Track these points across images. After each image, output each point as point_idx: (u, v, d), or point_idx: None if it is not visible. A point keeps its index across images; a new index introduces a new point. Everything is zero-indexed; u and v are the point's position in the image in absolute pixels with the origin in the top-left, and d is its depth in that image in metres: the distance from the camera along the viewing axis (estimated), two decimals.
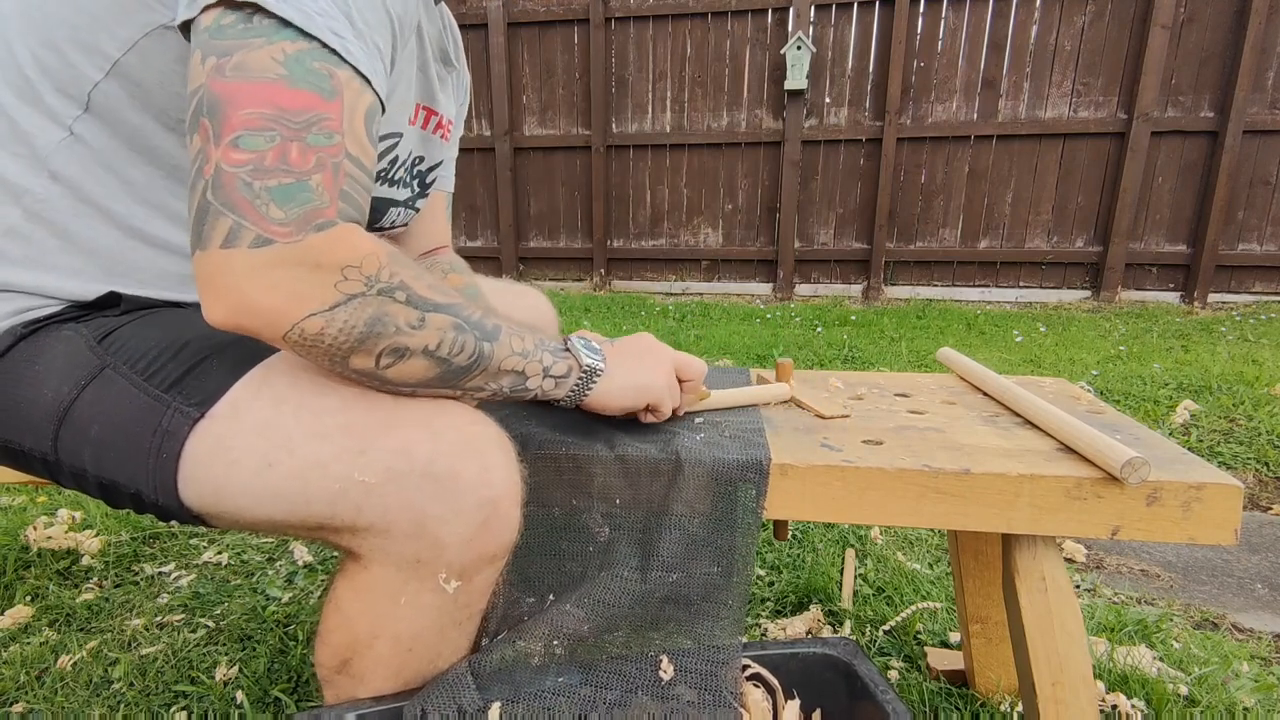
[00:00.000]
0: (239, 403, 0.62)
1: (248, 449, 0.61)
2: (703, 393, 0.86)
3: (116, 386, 0.63)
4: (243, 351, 0.65)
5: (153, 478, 0.62)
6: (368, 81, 0.59)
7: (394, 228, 0.90)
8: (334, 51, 0.56)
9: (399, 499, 0.60)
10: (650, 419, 0.79)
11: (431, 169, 0.90)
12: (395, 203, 0.85)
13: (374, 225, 0.84)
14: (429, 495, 0.60)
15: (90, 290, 0.69)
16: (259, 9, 0.54)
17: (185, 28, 0.58)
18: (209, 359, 0.64)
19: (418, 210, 0.93)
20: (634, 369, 0.75)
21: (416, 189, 0.88)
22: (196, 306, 0.69)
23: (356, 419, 0.61)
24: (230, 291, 0.55)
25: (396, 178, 0.82)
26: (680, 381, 0.80)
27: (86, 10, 0.64)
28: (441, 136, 0.88)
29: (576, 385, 0.71)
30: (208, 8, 0.55)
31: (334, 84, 0.57)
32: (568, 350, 0.71)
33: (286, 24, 0.54)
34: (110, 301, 0.70)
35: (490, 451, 0.63)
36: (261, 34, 0.54)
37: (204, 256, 0.55)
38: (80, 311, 0.68)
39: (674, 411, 0.81)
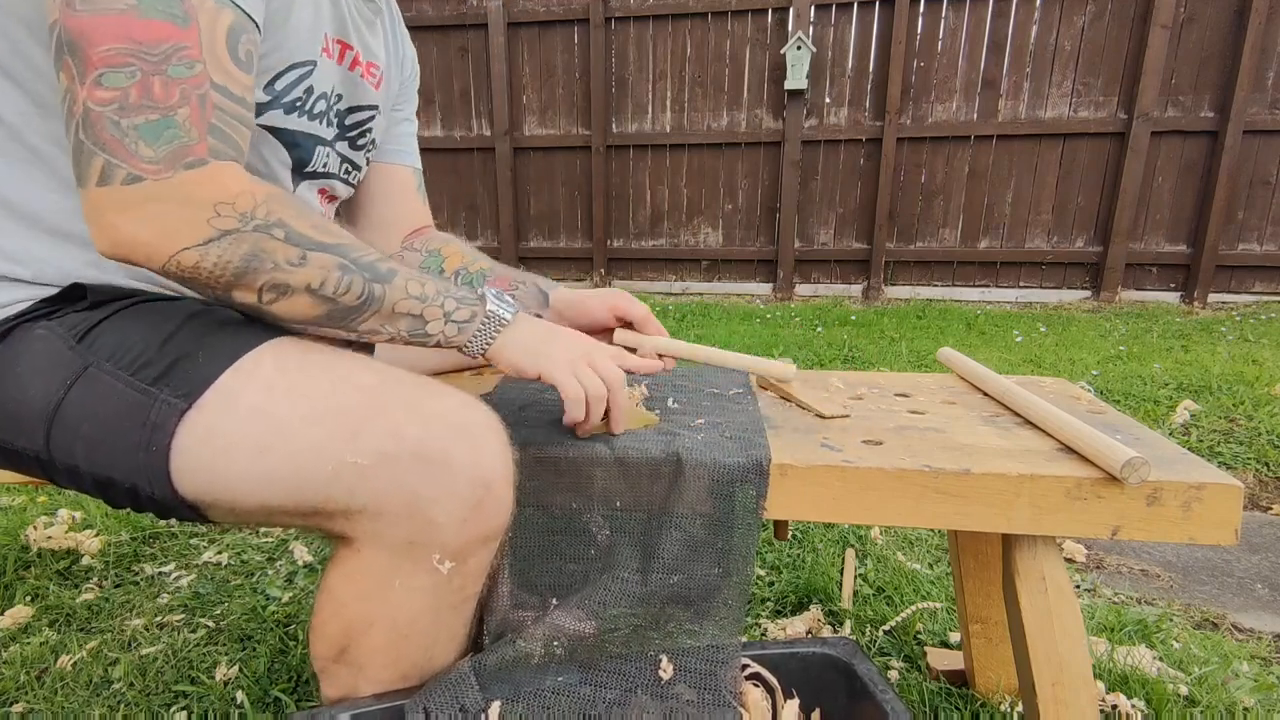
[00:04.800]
0: (229, 391, 0.62)
1: (241, 436, 0.61)
2: (682, 349, 0.84)
3: (103, 384, 0.63)
4: (229, 341, 0.65)
5: (146, 471, 0.62)
6: None
7: (329, 175, 0.85)
8: None
9: (391, 481, 0.60)
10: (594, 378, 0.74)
11: (355, 112, 0.86)
12: (321, 140, 0.81)
13: (305, 166, 0.81)
14: (421, 477, 0.60)
15: (45, 269, 0.68)
16: None
17: None
18: (195, 350, 0.64)
19: (356, 165, 0.90)
20: (542, 337, 0.74)
21: (339, 131, 0.84)
22: (165, 298, 0.71)
23: (348, 402, 0.62)
24: (109, 228, 0.57)
25: (317, 111, 0.79)
26: (628, 327, 0.81)
27: None
28: (362, 76, 0.85)
29: (479, 331, 0.71)
30: None
31: (185, 8, 0.57)
32: (478, 297, 0.71)
33: None
34: (76, 294, 0.69)
35: (482, 434, 0.63)
36: None
37: (85, 194, 0.57)
38: (48, 308, 0.68)
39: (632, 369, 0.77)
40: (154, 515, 0.68)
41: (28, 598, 1.35)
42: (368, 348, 0.98)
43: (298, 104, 0.76)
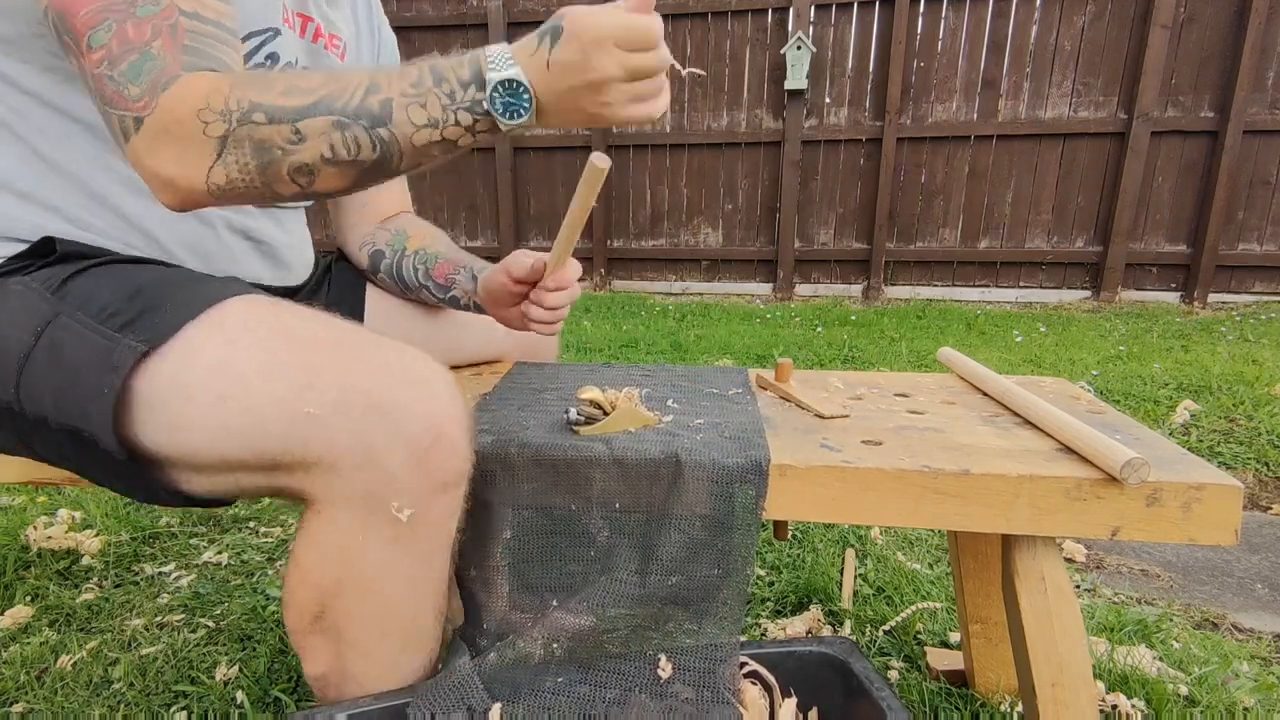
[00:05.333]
0: (191, 341, 0.63)
1: (202, 385, 0.62)
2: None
3: (71, 331, 0.64)
4: (196, 295, 0.66)
5: (103, 417, 0.63)
6: None
7: None
8: None
9: (345, 430, 0.60)
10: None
11: None
12: None
13: None
14: (374, 424, 0.60)
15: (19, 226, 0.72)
16: None
17: None
18: (162, 302, 0.65)
19: None
20: (558, 80, 0.62)
21: None
22: (135, 260, 0.74)
23: (306, 357, 0.63)
24: (153, 180, 0.61)
25: None
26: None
27: None
28: (325, 48, 0.87)
29: (506, 125, 0.63)
30: None
31: None
32: (472, 101, 0.62)
33: None
34: (45, 250, 0.72)
35: (431, 381, 0.64)
36: None
37: (126, 158, 0.61)
38: (20, 264, 0.71)
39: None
40: (127, 495, 0.69)
41: (28, 598, 1.35)
42: (360, 314, 1.02)
43: (261, 67, 0.79)
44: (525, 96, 0.62)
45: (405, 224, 1.05)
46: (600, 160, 0.72)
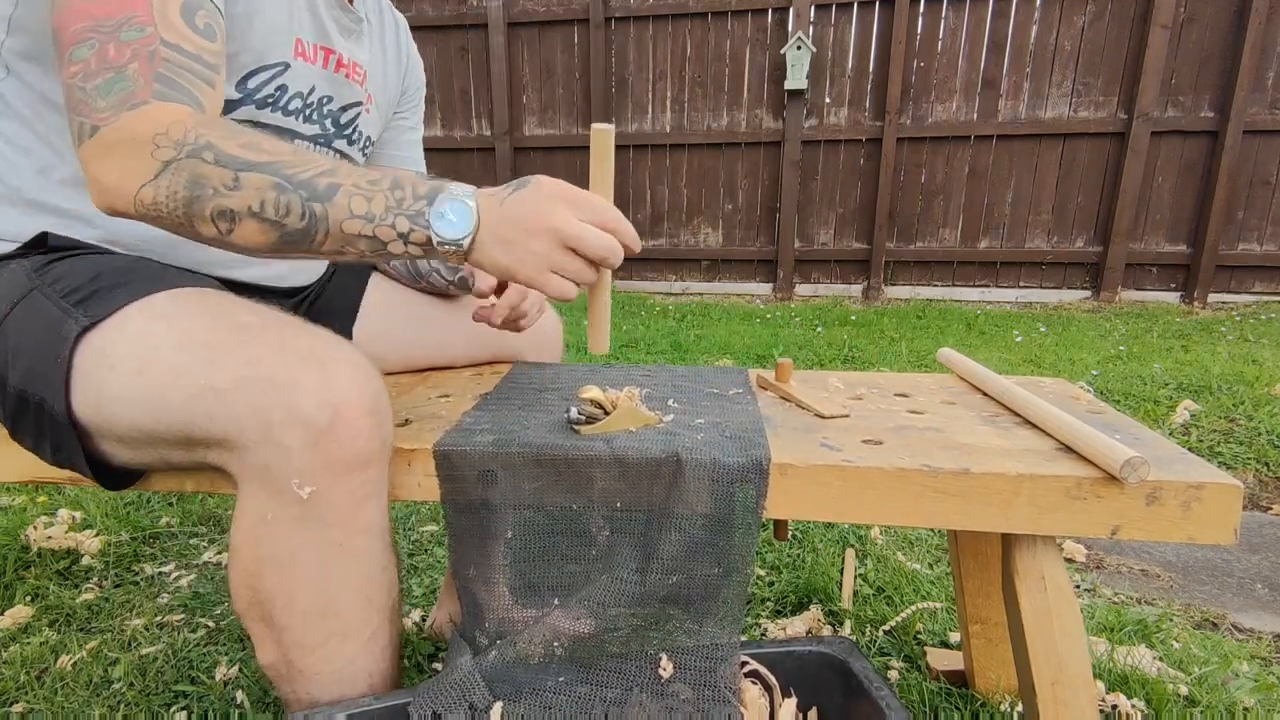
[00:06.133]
0: (125, 318, 0.68)
1: (124, 356, 0.67)
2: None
3: (39, 304, 0.72)
4: (149, 282, 0.71)
5: (52, 384, 0.68)
6: None
7: None
8: None
9: (245, 405, 0.63)
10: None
11: (346, 110, 0.94)
12: (298, 134, 0.88)
13: None
14: (272, 401, 0.62)
15: (22, 230, 0.79)
16: None
17: None
18: (117, 285, 0.71)
19: (348, 158, 0.97)
20: (511, 233, 0.65)
21: (331, 128, 0.92)
22: (113, 254, 0.79)
23: (218, 336, 0.66)
24: (92, 181, 0.65)
25: (292, 108, 0.86)
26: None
27: None
28: (347, 76, 0.92)
29: (443, 251, 0.66)
30: None
31: None
32: (427, 221, 0.65)
33: None
34: (42, 242, 0.79)
35: (334, 363, 0.65)
36: None
37: (78, 158, 0.65)
38: (23, 251, 0.78)
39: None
40: (71, 468, 0.73)
41: (28, 598, 1.35)
42: (349, 328, 1.04)
43: (270, 100, 0.83)
44: (468, 221, 0.64)
45: None
46: (601, 126, 0.70)
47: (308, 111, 0.88)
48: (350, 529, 0.67)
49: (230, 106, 0.80)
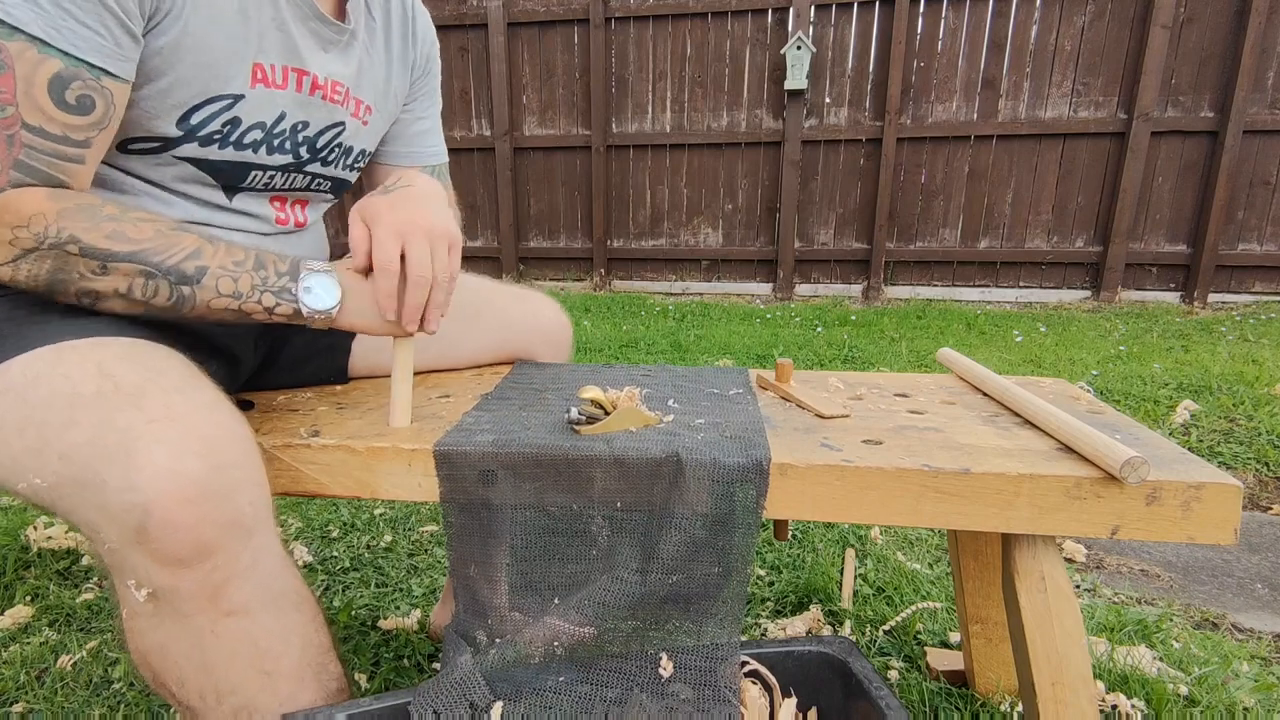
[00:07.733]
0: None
1: None
2: None
3: None
4: (40, 333, 0.67)
5: None
6: (49, 46, 0.63)
7: (289, 189, 0.90)
8: (1, 23, 0.61)
9: (67, 505, 0.60)
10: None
11: (325, 133, 0.89)
12: (256, 166, 0.84)
13: (240, 185, 0.84)
14: (85, 503, 0.59)
15: None
16: None
17: None
18: (9, 335, 0.67)
19: (335, 179, 0.95)
20: (369, 302, 0.76)
21: (305, 155, 0.87)
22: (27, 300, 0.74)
23: (49, 416, 0.61)
24: None
25: (248, 141, 0.81)
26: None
27: None
28: (324, 98, 0.86)
29: (309, 319, 0.74)
30: None
31: (2, 58, 0.61)
32: (294, 296, 0.73)
33: None
34: None
35: (143, 451, 0.58)
36: None
37: None
38: None
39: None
40: None
41: (28, 598, 1.35)
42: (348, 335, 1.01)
43: (216, 136, 0.78)
44: (333, 292, 0.74)
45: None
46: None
47: (274, 141, 0.83)
48: (215, 614, 0.62)
49: (171, 143, 0.76)
